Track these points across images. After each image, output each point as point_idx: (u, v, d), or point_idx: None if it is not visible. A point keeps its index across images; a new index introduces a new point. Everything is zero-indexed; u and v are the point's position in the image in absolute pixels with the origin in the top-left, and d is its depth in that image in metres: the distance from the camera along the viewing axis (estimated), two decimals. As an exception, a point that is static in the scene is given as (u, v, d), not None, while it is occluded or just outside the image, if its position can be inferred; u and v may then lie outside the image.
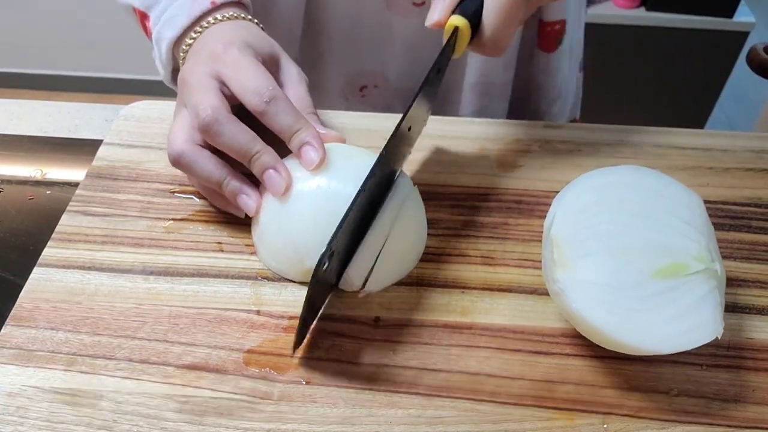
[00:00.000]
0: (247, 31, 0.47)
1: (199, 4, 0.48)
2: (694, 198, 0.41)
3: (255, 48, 0.45)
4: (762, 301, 0.44)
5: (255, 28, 0.49)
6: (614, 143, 0.54)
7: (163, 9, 0.50)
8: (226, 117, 0.42)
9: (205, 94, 0.43)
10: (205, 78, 0.44)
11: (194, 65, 0.45)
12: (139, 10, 0.52)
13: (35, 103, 0.63)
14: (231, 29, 0.47)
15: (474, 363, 0.40)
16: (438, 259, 0.46)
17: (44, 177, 0.55)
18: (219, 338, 0.41)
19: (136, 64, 2.14)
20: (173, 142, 0.44)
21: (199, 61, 0.45)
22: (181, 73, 0.46)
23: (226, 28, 0.47)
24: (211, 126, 0.42)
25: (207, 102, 0.42)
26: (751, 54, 1.03)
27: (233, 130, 0.42)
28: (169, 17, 0.49)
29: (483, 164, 0.53)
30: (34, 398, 0.38)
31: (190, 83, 0.44)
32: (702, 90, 1.73)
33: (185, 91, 0.44)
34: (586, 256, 0.38)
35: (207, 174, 0.44)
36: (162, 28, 0.49)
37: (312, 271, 0.42)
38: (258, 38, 0.47)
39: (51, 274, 0.44)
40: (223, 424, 0.37)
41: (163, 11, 0.50)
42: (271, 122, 0.43)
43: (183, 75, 0.45)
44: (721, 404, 0.38)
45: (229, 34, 0.46)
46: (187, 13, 0.48)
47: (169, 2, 0.50)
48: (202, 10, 0.48)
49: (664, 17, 1.58)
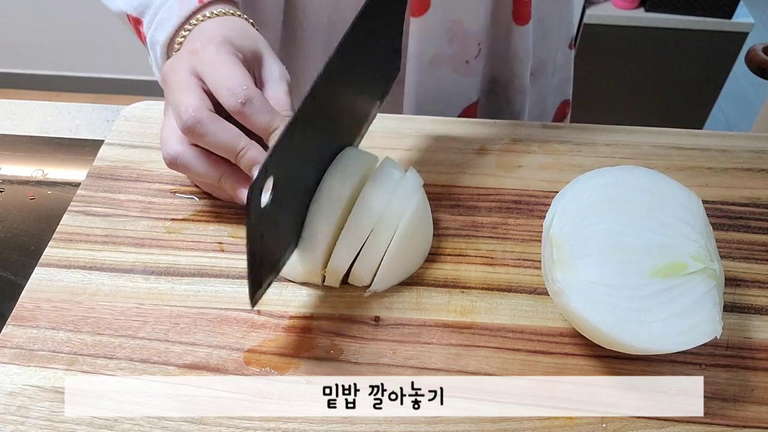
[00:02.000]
0: (231, 27, 0.46)
1: (187, 3, 0.48)
2: (692, 198, 0.41)
3: (236, 44, 0.45)
4: (761, 301, 0.44)
5: (242, 23, 0.48)
6: (613, 143, 0.55)
7: (155, 12, 0.50)
8: (207, 117, 0.42)
9: (184, 94, 0.42)
10: (184, 75, 0.43)
11: (174, 63, 0.45)
12: (133, 17, 0.52)
13: (36, 103, 0.64)
14: (216, 26, 0.46)
15: (473, 362, 0.40)
16: (438, 259, 0.46)
17: (45, 177, 0.56)
18: (220, 338, 0.41)
19: (137, 64, 2.14)
20: (166, 145, 0.44)
21: (179, 59, 0.45)
22: (162, 72, 0.45)
23: (212, 25, 0.47)
24: (193, 128, 0.41)
25: (187, 103, 0.42)
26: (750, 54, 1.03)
27: (216, 129, 0.42)
28: (160, 20, 0.49)
29: (483, 164, 0.53)
30: (35, 398, 0.38)
31: (170, 83, 0.44)
32: (701, 90, 1.73)
33: (167, 90, 0.44)
34: (586, 256, 0.38)
35: (203, 174, 0.44)
36: (155, 31, 0.50)
37: (309, 274, 0.43)
38: (241, 34, 0.46)
39: (52, 273, 0.44)
40: (223, 423, 0.37)
41: (155, 15, 0.50)
42: (247, 122, 0.42)
43: (163, 74, 0.45)
44: (719, 404, 0.38)
45: (211, 32, 0.46)
46: (177, 13, 0.48)
47: (159, 5, 0.50)
48: (190, 10, 0.48)
49: (663, 18, 1.58)
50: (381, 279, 0.43)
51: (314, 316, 0.42)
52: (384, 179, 0.43)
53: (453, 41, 0.64)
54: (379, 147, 0.53)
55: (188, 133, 0.42)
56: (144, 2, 0.50)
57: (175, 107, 0.42)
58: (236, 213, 0.47)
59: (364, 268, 0.42)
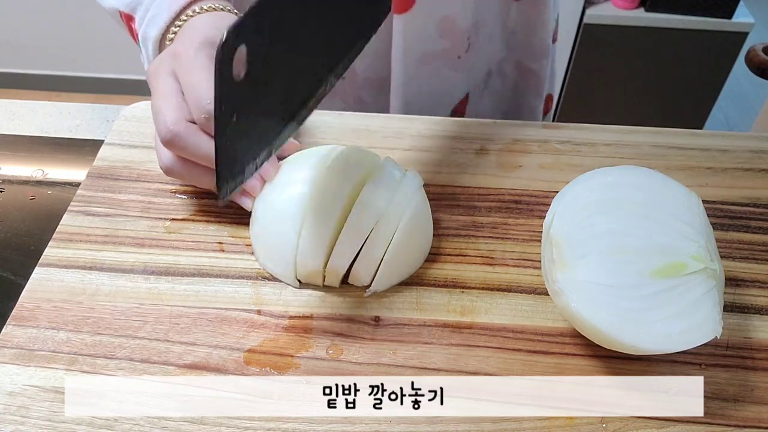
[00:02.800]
0: (219, 24, 0.46)
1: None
2: (692, 198, 0.41)
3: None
4: (761, 301, 0.44)
5: (229, 19, 0.47)
6: (613, 143, 0.55)
7: (146, 8, 0.49)
8: (184, 130, 0.41)
9: (163, 104, 0.42)
10: (164, 80, 0.43)
11: (157, 65, 0.45)
12: (125, 13, 0.52)
13: (36, 103, 0.64)
14: (204, 23, 0.46)
15: (473, 362, 0.40)
16: (438, 259, 0.46)
17: (45, 177, 0.56)
18: (220, 338, 0.41)
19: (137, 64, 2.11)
20: (160, 156, 0.44)
21: (162, 61, 0.44)
22: (146, 72, 0.45)
23: (202, 21, 0.46)
24: (171, 142, 0.41)
25: (165, 115, 0.41)
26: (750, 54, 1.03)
27: (195, 141, 0.41)
28: (152, 16, 0.49)
29: (483, 164, 0.53)
30: (36, 398, 0.38)
31: (152, 86, 0.44)
32: (701, 90, 1.73)
33: (151, 90, 0.44)
34: (586, 256, 0.38)
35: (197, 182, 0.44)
36: (147, 27, 0.49)
37: (310, 274, 0.43)
38: None
39: (52, 273, 0.44)
40: (223, 423, 0.37)
41: (147, 11, 0.49)
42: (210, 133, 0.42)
43: (148, 74, 0.45)
44: (719, 403, 0.38)
45: (196, 31, 0.45)
46: (168, 9, 0.48)
47: (151, 1, 0.49)
48: (181, 5, 0.47)
49: (663, 18, 1.58)
50: (381, 279, 0.43)
51: (314, 316, 0.42)
52: (384, 179, 0.43)
53: (445, 36, 0.63)
54: (379, 147, 0.53)
55: (168, 147, 0.42)
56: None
57: (155, 116, 0.42)
58: (236, 213, 0.47)
59: (364, 268, 0.42)
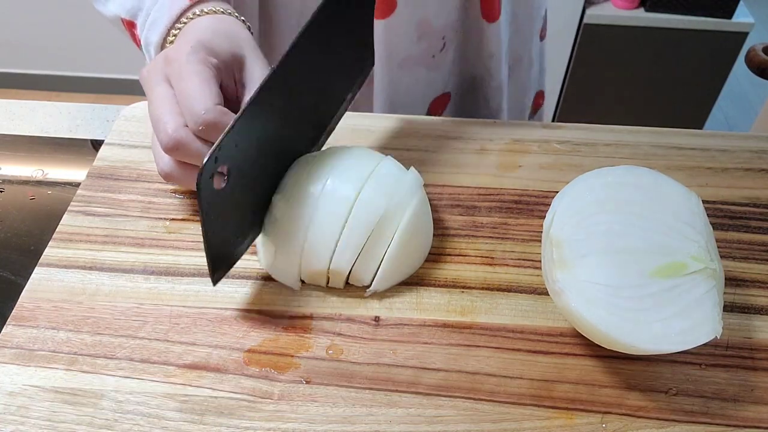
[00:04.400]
0: (216, 27, 0.45)
1: (177, 2, 0.47)
2: (692, 198, 0.41)
3: (214, 48, 0.44)
4: (760, 301, 0.44)
5: (230, 22, 0.47)
6: (613, 143, 0.55)
7: (147, 13, 0.49)
8: (186, 137, 0.41)
9: (161, 111, 0.42)
10: (158, 86, 0.43)
11: (150, 70, 0.44)
12: (126, 20, 0.52)
13: (36, 103, 0.64)
14: (203, 26, 0.46)
15: (473, 362, 0.40)
16: (438, 259, 0.46)
17: (45, 177, 0.56)
18: (219, 338, 0.41)
19: (137, 64, 2.12)
20: (158, 161, 0.43)
21: (155, 65, 0.44)
22: (140, 74, 0.45)
23: (202, 24, 0.46)
24: (174, 149, 0.41)
25: (165, 122, 0.41)
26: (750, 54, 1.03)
27: (197, 147, 0.41)
28: (152, 20, 0.49)
29: (483, 164, 0.53)
30: (36, 398, 0.38)
31: (147, 92, 0.43)
32: (701, 90, 1.73)
33: (146, 94, 0.44)
34: (586, 256, 0.38)
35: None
36: (148, 32, 0.49)
37: (315, 275, 0.43)
38: (222, 35, 0.45)
39: (52, 273, 0.44)
40: (223, 423, 0.37)
41: (147, 15, 0.49)
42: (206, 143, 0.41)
43: (141, 78, 0.44)
44: (719, 403, 0.38)
45: (191, 35, 0.45)
46: (167, 12, 0.47)
47: (151, 5, 0.49)
48: (181, 8, 0.47)
49: (663, 18, 1.58)
50: (381, 279, 0.43)
51: (314, 316, 0.42)
52: (384, 179, 0.43)
53: (422, 38, 0.63)
54: (379, 147, 0.53)
55: (171, 153, 0.41)
56: (136, 4, 0.50)
57: (154, 124, 0.42)
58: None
59: (364, 268, 0.42)
